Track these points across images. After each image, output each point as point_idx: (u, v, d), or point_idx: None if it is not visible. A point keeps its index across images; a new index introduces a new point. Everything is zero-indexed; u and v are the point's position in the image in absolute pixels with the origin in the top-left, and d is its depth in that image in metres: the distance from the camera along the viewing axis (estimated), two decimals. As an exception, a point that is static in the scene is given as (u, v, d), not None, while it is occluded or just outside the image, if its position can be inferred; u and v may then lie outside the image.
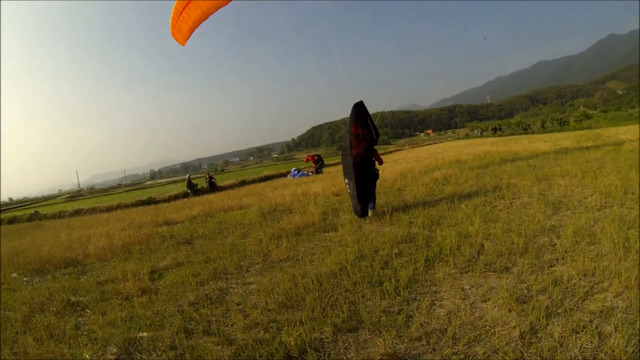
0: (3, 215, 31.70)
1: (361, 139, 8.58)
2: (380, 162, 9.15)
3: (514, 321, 3.47)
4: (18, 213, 32.52)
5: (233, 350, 3.63)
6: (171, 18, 8.91)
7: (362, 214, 8.78)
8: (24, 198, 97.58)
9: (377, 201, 9.77)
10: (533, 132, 68.32)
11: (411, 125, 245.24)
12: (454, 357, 3.12)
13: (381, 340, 3.40)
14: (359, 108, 8.68)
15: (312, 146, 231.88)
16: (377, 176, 9.05)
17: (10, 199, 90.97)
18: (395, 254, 5.76)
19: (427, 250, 5.68)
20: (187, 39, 9.50)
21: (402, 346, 3.35)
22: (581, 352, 2.97)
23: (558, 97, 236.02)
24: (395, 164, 24.29)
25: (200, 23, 9.07)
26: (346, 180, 9.19)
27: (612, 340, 3.01)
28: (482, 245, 5.60)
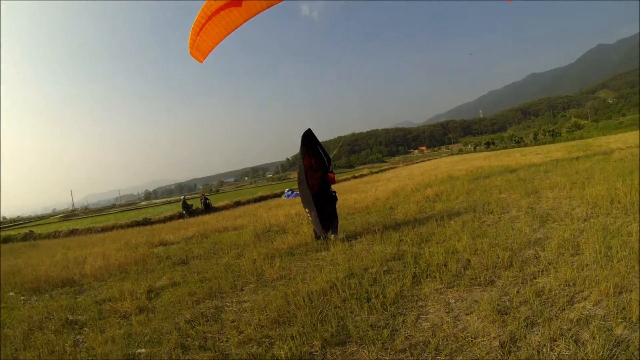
0: (-3, 235, 31.32)
1: (315, 169, 8.82)
2: (333, 183, 9.18)
3: (494, 332, 3.61)
4: (12, 232, 32.25)
5: (228, 364, 3.74)
6: (189, 38, 9.18)
7: (325, 235, 8.83)
8: (18, 217, 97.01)
9: (369, 220, 9.87)
10: (526, 145, 68.68)
11: (405, 142, 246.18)
12: (436, 367, 3.26)
13: (366, 352, 3.55)
14: (308, 138, 8.81)
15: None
16: (335, 199, 9.16)
17: (4, 218, 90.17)
18: (384, 271, 5.89)
19: (415, 267, 5.81)
20: (206, 57, 9.77)
21: (386, 358, 3.49)
22: (558, 359, 3.11)
23: (550, 108, 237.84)
24: (389, 182, 24.49)
25: (219, 42, 9.37)
26: (307, 210, 9.16)
27: (588, 347, 3.15)
28: (469, 261, 5.73)
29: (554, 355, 3.16)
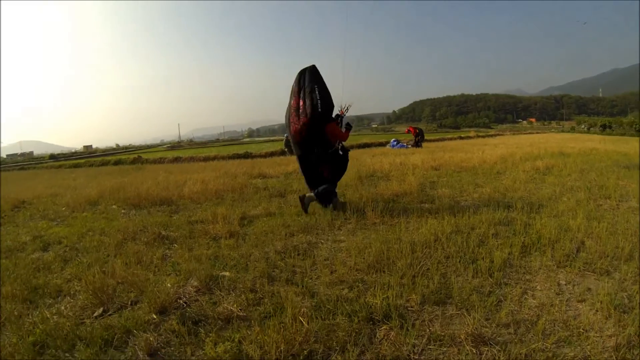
0: (110, 158, 36.26)
1: (301, 113, 6.94)
2: (342, 139, 7.32)
3: (610, 330, 3.17)
4: (123, 157, 36.72)
5: (314, 303, 3.65)
6: None
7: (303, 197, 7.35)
8: (129, 145, 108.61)
9: (476, 180, 9.34)
10: (648, 135, 62.89)
11: (514, 111, 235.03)
12: (541, 354, 2.90)
13: (470, 319, 3.27)
14: (304, 75, 7.04)
15: (412, 120, 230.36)
16: (339, 160, 7.36)
17: (117, 145, 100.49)
18: (492, 234, 5.55)
19: (525, 236, 5.38)
20: None
21: (488, 330, 3.20)
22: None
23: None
24: (496, 148, 23.59)
25: None
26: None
27: None
28: (583, 242, 5.19)
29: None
